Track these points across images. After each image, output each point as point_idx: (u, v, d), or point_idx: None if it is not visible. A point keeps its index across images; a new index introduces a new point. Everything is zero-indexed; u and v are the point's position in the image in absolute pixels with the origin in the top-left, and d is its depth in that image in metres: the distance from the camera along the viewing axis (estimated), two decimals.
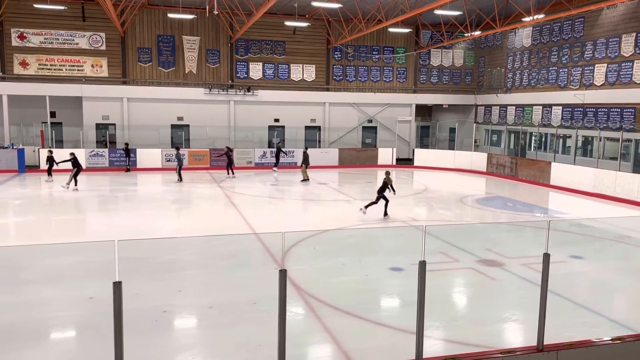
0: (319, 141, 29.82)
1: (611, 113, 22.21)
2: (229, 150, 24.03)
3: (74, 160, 19.17)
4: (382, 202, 14.78)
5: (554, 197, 20.08)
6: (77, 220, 15.08)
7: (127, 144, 24.69)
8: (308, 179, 22.08)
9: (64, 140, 26.37)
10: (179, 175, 21.76)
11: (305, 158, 22.48)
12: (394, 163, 28.91)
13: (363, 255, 11.44)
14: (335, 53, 30.26)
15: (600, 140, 22.12)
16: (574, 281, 9.96)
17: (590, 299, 8.97)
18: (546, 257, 5.57)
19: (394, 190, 14.98)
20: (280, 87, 29.43)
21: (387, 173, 15.14)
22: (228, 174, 23.36)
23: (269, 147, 28.65)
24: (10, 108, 25.31)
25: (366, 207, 14.99)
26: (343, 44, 29.63)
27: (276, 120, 29.53)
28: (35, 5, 23.95)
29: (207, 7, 24.75)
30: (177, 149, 23.13)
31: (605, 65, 22.37)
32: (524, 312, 8.16)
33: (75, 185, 19.11)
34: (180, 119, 28.01)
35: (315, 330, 7.40)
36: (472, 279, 9.98)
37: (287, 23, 27.64)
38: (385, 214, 14.71)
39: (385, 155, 28.88)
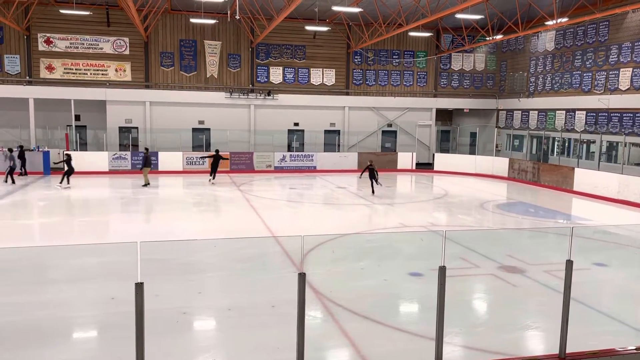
0: (338, 145, 29.82)
1: (637, 118, 21.77)
2: (69, 157, 20.92)
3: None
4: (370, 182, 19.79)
5: (578, 203, 19.75)
6: (100, 222, 15.32)
7: (21, 146, 22.55)
8: (149, 183, 21.15)
9: (88, 143, 26.87)
10: (10, 176, 20.60)
11: (146, 160, 21.32)
12: (414, 167, 28.76)
13: (382, 259, 11.40)
14: (355, 57, 30.27)
15: (625, 145, 21.70)
16: (598, 289, 9.78)
17: (614, 307, 8.79)
18: (569, 264, 5.49)
19: (377, 182, 19.76)
20: (300, 91, 29.53)
21: (371, 161, 20.09)
22: (61, 182, 20.42)
23: (289, 150, 28.76)
24: (36, 111, 25.88)
25: (373, 192, 19.88)
26: (363, 48, 29.63)
27: (296, 124, 29.64)
28: (62, 11, 24.47)
29: (229, 12, 25.00)
30: (12, 150, 21.22)
31: (631, 69, 21.95)
32: (546, 319, 8.03)
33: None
34: (201, 122, 28.29)
35: (333, 334, 7.39)
36: (493, 285, 9.87)
37: (308, 27, 27.75)
38: (373, 192, 19.78)
39: (405, 159, 28.74)
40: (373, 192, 19.80)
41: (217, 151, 22.83)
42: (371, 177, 19.73)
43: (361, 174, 20.60)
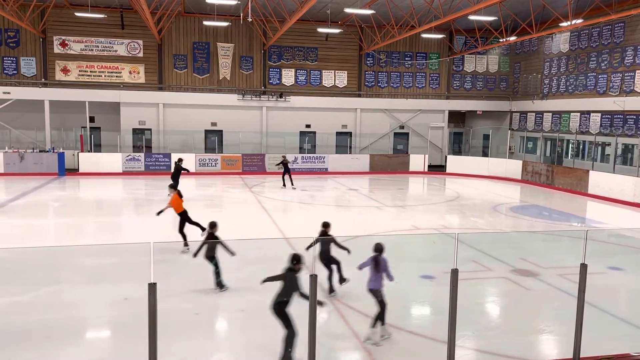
0: (350, 147, 29.81)
1: None
2: None
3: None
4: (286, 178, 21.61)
5: (592, 207, 19.53)
6: (114, 223, 15.46)
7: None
8: None
9: (102, 145, 27.13)
10: None
11: None
12: (426, 170, 28.65)
13: (394, 262, 11.29)
14: (368, 59, 30.24)
15: None
16: (613, 293, 9.66)
17: (629, 312, 8.68)
18: (583, 267, 5.44)
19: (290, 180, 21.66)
20: (312, 93, 29.57)
21: (284, 156, 22.22)
22: None
23: (301, 152, 28.79)
24: (51, 113, 26.20)
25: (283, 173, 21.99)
26: (375, 50, 29.59)
27: (307, 126, 29.68)
28: (77, 14, 24.75)
29: (242, 14, 25.12)
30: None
31: None
32: (560, 323, 7.96)
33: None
34: (214, 124, 28.45)
35: (344, 336, 7.39)
36: (506, 288, 9.80)
37: (320, 29, 27.78)
38: (284, 185, 21.56)
39: (417, 161, 28.64)
40: (284, 184, 21.54)
41: (179, 160, 18.44)
42: (286, 172, 21.51)
43: (282, 169, 21.74)
